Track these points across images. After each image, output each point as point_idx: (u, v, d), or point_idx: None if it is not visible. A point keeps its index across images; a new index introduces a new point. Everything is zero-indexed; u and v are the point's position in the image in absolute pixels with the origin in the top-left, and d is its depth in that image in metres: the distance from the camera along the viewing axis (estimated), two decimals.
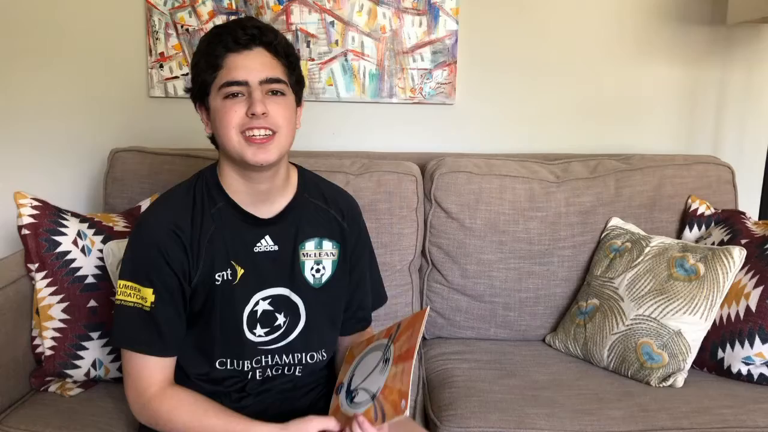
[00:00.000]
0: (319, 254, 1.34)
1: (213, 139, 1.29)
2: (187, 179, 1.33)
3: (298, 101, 1.30)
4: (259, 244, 1.29)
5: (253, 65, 1.20)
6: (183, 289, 1.25)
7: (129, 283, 1.23)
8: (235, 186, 1.27)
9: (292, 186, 1.34)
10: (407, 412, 1.08)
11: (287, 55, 1.25)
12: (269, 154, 1.20)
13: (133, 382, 1.24)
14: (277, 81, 1.22)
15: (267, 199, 1.29)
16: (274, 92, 1.22)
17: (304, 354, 1.34)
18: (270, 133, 1.20)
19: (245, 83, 1.19)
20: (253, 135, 1.19)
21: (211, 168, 1.32)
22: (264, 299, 1.29)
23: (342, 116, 2.14)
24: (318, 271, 1.34)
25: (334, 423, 1.17)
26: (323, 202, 1.37)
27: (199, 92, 1.24)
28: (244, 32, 1.20)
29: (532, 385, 1.58)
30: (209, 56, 1.20)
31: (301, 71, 1.30)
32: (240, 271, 1.27)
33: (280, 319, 1.31)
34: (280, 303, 1.31)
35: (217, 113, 1.21)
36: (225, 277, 1.27)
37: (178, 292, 1.24)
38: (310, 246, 1.33)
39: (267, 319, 1.30)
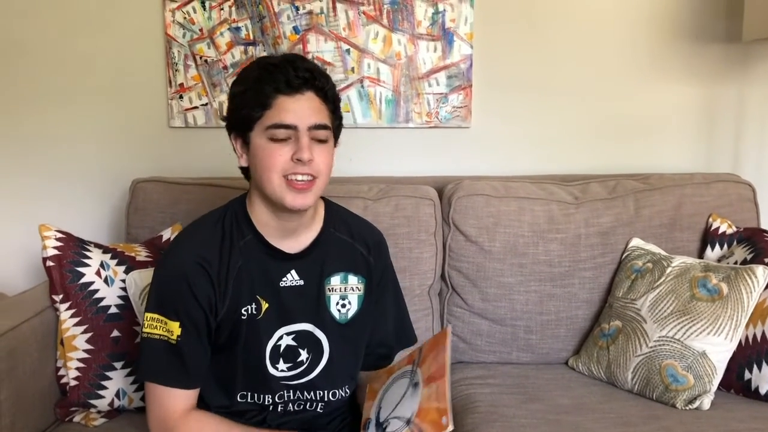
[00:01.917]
0: (345, 289, 1.34)
1: (244, 170, 1.29)
2: (216, 209, 1.34)
3: (335, 142, 1.31)
4: (284, 279, 1.29)
5: (302, 110, 1.20)
6: (209, 322, 1.25)
7: (156, 316, 1.23)
8: (264, 220, 1.28)
9: (318, 220, 1.34)
10: (450, 426, 1.06)
11: (334, 100, 1.26)
12: (307, 199, 1.22)
13: (156, 412, 1.24)
14: (324, 127, 1.22)
15: (294, 233, 1.30)
16: (320, 140, 1.22)
17: (326, 392, 1.33)
18: (311, 178, 1.21)
19: (294, 127, 1.19)
20: (296, 180, 1.20)
21: (241, 199, 1.32)
22: (288, 334, 1.29)
23: (359, 142, 2.15)
24: (344, 306, 1.34)
25: None
26: (349, 237, 1.37)
27: (240, 125, 1.23)
28: (297, 75, 1.19)
29: (555, 410, 1.57)
30: (258, 93, 1.19)
31: (341, 113, 1.31)
32: (264, 306, 1.27)
33: (303, 355, 1.31)
34: (303, 339, 1.31)
35: (260, 152, 1.21)
36: (250, 311, 1.27)
37: (203, 325, 1.24)
38: (335, 281, 1.33)
39: (290, 355, 1.30)
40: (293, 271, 1.30)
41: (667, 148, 2.16)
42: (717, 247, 1.81)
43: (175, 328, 1.22)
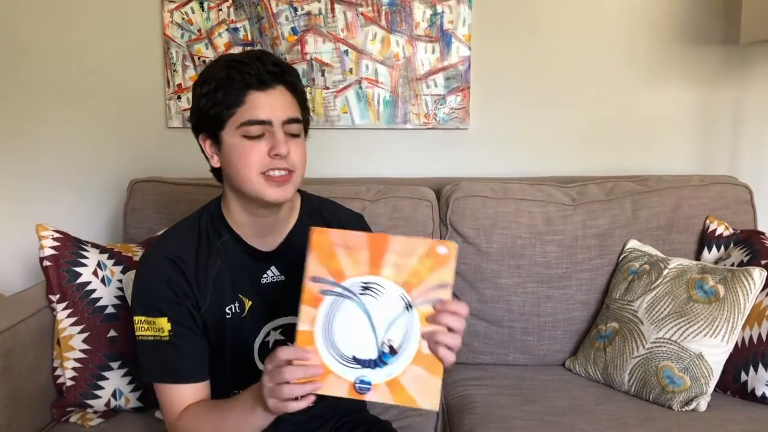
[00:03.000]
0: None
1: (217, 171, 1.27)
2: (192, 213, 1.34)
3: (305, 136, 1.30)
4: (265, 276, 1.29)
5: (276, 104, 1.18)
6: (193, 315, 1.25)
7: (142, 318, 1.23)
8: (240, 220, 1.27)
9: (294, 214, 1.33)
10: (453, 244, 1.00)
11: (302, 93, 1.26)
12: (287, 191, 1.21)
13: (167, 410, 1.23)
14: (297, 121, 1.21)
15: (271, 230, 1.29)
16: (294, 135, 1.21)
17: None
18: (288, 172, 1.20)
19: (269, 123, 1.18)
20: (273, 174, 1.19)
21: (216, 201, 1.33)
22: (275, 329, 1.29)
23: (357, 143, 2.16)
24: None
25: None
26: (324, 225, 1.36)
27: (210, 125, 1.21)
28: (266, 70, 1.18)
29: (552, 411, 1.57)
30: (228, 90, 1.17)
31: (308, 106, 1.30)
32: (248, 304, 1.28)
33: None
34: (291, 332, 1.30)
35: (236, 151, 1.19)
36: (234, 310, 1.27)
37: (189, 317, 1.24)
38: None
39: None
40: (273, 267, 1.29)
41: (665, 150, 2.16)
42: (714, 249, 1.81)
43: (164, 325, 1.22)
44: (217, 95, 1.18)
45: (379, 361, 1.00)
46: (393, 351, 1.00)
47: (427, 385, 0.99)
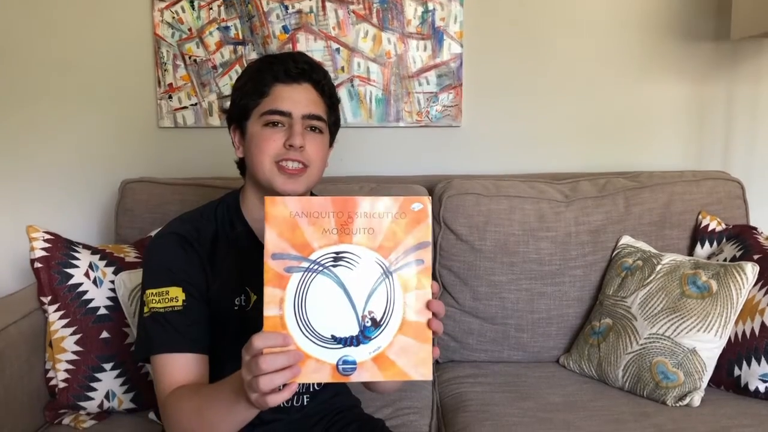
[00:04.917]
0: None
1: (240, 163, 1.32)
2: (210, 202, 1.35)
3: (331, 142, 1.34)
4: None
5: (298, 98, 1.24)
6: (203, 289, 1.24)
7: (154, 291, 1.21)
8: (256, 213, 1.29)
9: None
10: (425, 198, 0.94)
11: (330, 96, 1.30)
12: (298, 185, 1.23)
13: (162, 383, 1.18)
14: (318, 118, 1.25)
15: None
16: (313, 128, 1.25)
17: (312, 383, 1.32)
18: (302, 166, 1.23)
19: (288, 114, 1.23)
20: (286, 165, 1.22)
21: (235, 193, 1.35)
22: None
23: (349, 141, 2.14)
24: None
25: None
26: None
27: (238, 115, 1.27)
28: (296, 65, 1.24)
29: (546, 408, 1.57)
30: (256, 82, 1.24)
31: (339, 114, 1.35)
32: (254, 298, 1.27)
33: None
34: None
35: (254, 139, 1.24)
36: (241, 302, 1.27)
37: (201, 289, 1.23)
38: None
39: None
40: None
41: (657, 146, 2.17)
42: (707, 244, 1.82)
43: (179, 294, 1.21)
44: (247, 87, 1.26)
45: (362, 337, 0.93)
46: (376, 324, 0.93)
47: (417, 354, 0.93)
